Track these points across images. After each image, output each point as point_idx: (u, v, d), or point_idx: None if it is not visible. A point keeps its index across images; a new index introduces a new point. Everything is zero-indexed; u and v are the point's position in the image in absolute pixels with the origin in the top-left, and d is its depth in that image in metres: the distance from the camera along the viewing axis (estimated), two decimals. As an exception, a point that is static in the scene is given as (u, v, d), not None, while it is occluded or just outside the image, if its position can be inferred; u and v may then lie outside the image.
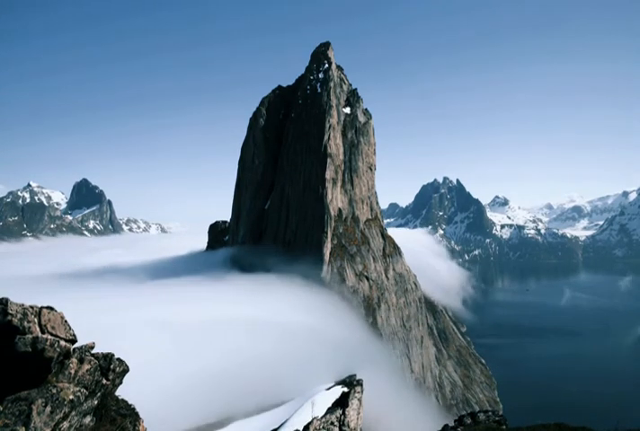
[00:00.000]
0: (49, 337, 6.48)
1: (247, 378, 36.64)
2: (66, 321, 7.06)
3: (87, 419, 6.75)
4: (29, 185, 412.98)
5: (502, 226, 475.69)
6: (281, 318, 52.56)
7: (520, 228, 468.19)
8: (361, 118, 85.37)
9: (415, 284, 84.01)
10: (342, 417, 15.96)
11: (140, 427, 7.73)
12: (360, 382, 19.11)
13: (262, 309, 54.57)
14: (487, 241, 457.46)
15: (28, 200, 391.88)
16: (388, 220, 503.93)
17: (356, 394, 17.50)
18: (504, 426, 19.30)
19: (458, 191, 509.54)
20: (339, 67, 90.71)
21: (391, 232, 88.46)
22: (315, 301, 59.77)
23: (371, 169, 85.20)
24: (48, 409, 5.89)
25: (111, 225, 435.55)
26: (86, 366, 6.92)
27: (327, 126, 76.61)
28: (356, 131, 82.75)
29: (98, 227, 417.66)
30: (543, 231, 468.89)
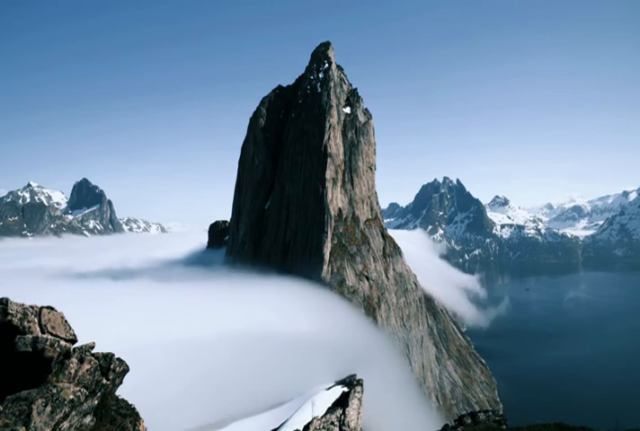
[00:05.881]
0: (49, 337, 6.48)
1: (247, 378, 36.66)
2: (66, 321, 7.05)
3: (87, 419, 6.75)
4: (29, 185, 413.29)
5: (502, 226, 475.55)
6: (281, 320, 52.62)
7: (520, 228, 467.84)
8: (361, 118, 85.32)
9: (415, 283, 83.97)
10: (343, 417, 15.96)
11: (140, 427, 7.73)
12: (360, 382, 19.09)
13: (263, 311, 54.65)
14: (487, 240, 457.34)
15: (28, 200, 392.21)
16: (388, 220, 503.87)
17: (356, 394, 17.50)
18: (504, 426, 19.29)
19: (458, 191, 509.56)
20: (339, 67, 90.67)
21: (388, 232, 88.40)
22: (314, 301, 59.74)
23: (371, 169, 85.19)
24: (49, 408, 5.89)
25: (112, 225, 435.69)
26: (86, 366, 6.92)
27: (327, 125, 76.58)
28: (356, 131, 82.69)
29: (98, 227, 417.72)
30: (543, 231, 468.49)
